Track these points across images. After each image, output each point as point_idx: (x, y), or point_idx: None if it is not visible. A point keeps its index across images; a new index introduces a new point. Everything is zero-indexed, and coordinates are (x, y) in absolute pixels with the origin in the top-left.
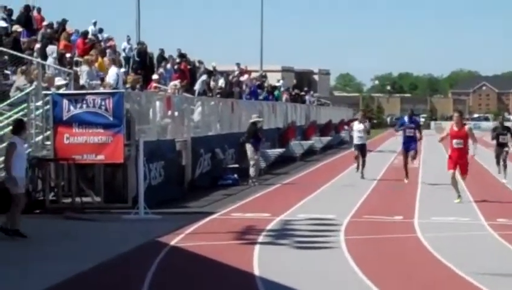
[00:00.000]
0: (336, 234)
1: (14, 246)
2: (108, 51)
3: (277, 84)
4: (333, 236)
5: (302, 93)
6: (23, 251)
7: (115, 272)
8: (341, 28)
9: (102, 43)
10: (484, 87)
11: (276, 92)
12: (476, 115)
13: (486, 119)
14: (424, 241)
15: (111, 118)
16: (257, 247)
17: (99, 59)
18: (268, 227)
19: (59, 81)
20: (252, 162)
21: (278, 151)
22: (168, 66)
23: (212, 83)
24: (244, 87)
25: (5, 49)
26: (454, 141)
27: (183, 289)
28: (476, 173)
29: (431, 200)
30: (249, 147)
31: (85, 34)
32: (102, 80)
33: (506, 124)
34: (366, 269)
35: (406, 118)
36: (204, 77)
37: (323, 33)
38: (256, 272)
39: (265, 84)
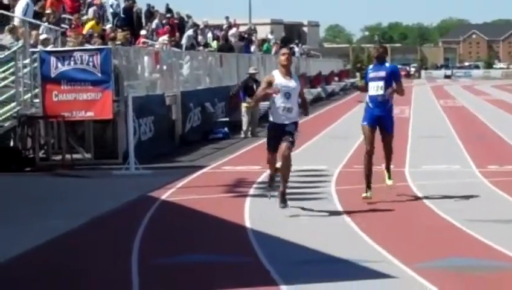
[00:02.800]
0: (327, 184)
1: (4, 204)
2: (93, 8)
3: (268, 37)
4: (324, 187)
5: (292, 45)
6: (14, 209)
7: (106, 227)
8: None
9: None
10: (474, 36)
11: (265, 45)
12: (466, 63)
13: (477, 67)
14: (415, 189)
15: (99, 74)
16: (248, 199)
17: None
18: (259, 179)
19: (42, 35)
20: (245, 115)
21: (268, 103)
22: (156, 21)
23: (200, 38)
24: (233, 40)
25: None
26: None
27: (175, 243)
28: (467, 120)
29: (422, 149)
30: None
31: None
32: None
33: (495, 71)
34: (356, 219)
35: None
36: (190, 32)
37: None
38: (248, 224)
39: (254, 38)
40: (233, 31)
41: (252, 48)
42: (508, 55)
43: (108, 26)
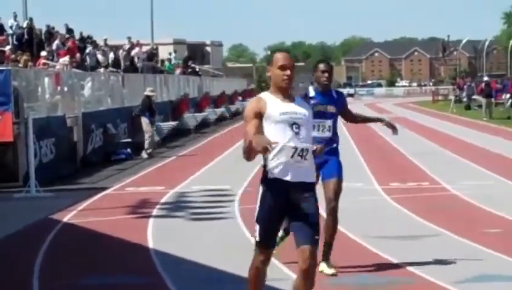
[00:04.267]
0: (231, 204)
1: None
2: None
3: (169, 56)
4: (228, 207)
5: (194, 65)
6: None
7: (7, 250)
8: None
9: None
10: (376, 54)
11: (167, 65)
12: (369, 82)
13: (380, 85)
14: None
15: None
16: (151, 220)
17: None
18: (163, 200)
19: None
20: (147, 135)
21: (171, 124)
22: (57, 42)
23: (101, 58)
24: (136, 60)
25: None
26: None
27: (76, 264)
28: (369, 138)
29: None
30: (143, 120)
31: None
32: None
33: (398, 89)
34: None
35: (311, 89)
36: (91, 51)
37: (215, 4)
38: (151, 244)
39: (156, 58)
40: (136, 50)
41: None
42: (410, 73)
43: (8, 48)
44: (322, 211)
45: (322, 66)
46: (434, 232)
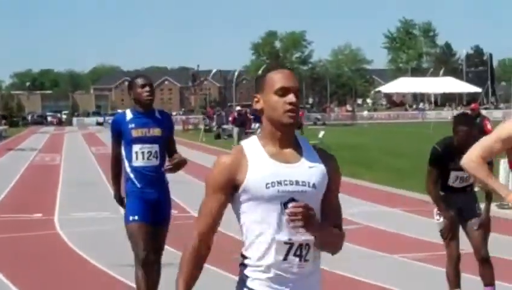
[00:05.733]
0: None
1: None
2: None
3: None
4: None
5: None
6: None
7: None
8: None
9: None
10: (126, 82)
11: None
12: (119, 110)
13: None
14: (64, 237)
15: None
16: None
17: None
18: None
19: None
20: None
21: None
22: None
23: None
24: None
25: None
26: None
27: None
28: None
29: (72, 196)
30: None
31: None
32: None
33: None
34: (3, 270)
35: (128, 112)
36: None
37: None
38: None
39: None
40: None
41: None
42: (160, 102)
43: None
44: None
45: (140, 81)
46: None
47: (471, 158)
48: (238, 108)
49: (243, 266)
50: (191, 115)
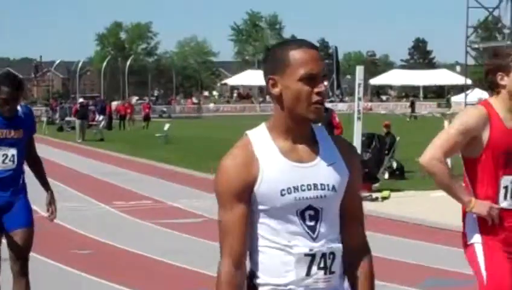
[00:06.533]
0: None
1: None
2: None
3: None
4: None
5: None
6: None
7: None
8: None
9: None
10: None
11: None
12: None
13: None
14: None
15: None
16: None
17: None
18: None
19: None
20: None
21: None
22: None
23: None
24: None
25: None
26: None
27: None
28: None
29: None
30: None
31: None
32: None
33: None
34: None
35: None
36: None
37: None
38: None
39: None
40: None
41: None
42: None
43: None
44: None
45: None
46: None
47: (433, 156)
48: (81, 100)
49: (253, 287)
50: (33, 106)
